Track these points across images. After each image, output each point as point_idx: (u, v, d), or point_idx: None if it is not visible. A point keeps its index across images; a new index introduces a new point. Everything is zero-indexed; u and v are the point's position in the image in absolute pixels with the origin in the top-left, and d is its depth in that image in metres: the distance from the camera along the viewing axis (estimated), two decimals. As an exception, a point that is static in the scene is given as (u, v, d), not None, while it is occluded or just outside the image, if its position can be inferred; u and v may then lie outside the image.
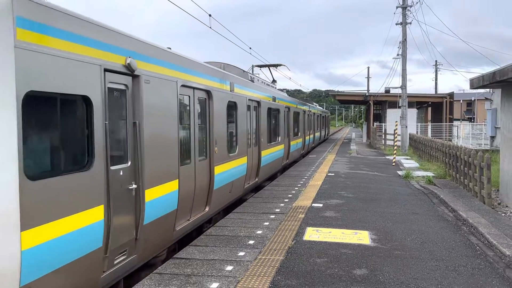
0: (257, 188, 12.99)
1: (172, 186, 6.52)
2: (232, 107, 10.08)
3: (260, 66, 20.06)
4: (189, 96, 7.46)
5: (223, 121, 9.21)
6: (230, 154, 9.68)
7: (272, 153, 14.49)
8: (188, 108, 7.46)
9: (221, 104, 9.02)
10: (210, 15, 13.57)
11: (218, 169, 8.66)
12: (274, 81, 19.44)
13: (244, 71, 12.75)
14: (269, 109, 14.36)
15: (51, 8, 4.11)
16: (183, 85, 7.01)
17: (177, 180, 6.68)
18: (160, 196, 6.14)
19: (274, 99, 15.08)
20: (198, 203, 7.87)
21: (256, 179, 12.50)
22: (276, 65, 19.56)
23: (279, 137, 16.08)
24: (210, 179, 8.31)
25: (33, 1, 3.87)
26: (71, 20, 4.36)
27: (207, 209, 8.24)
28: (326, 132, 45.12)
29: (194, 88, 7.55)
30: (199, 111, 7.87)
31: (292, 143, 18.96)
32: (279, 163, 16.22)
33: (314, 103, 37.63)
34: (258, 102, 12.76)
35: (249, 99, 11.54)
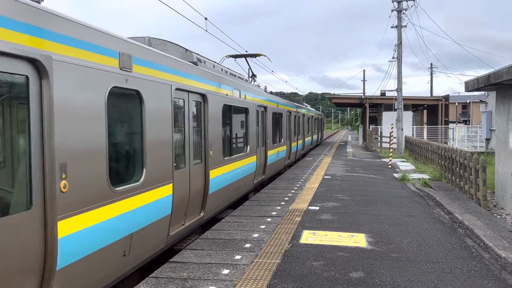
0: (210, 222, 9.28)
1: None
2: (129, 99, 5.87)
3: (235, 57, 16.69)
4: None
5: (95, 125, 4.91)
6: (123, 187, 5.43)
7: (233, 170, 10.38)
8: None
9: (84, 91, 4.72)
10: (206, 18, 13.59)
11: (73, 225, 4.46)
12: (253, 75, 16.60)
13: (187, 50, 8.97)
14: (228, 107, 10.09)
15: None
16: None
17: None
18: None
19: (239, 94, 11.38)
20: None
21: (201, 214, 8.32)
22: (254, 55, 16.80)
23: (248, 147, 11.87)
24: (45, 248, 4.13)
25: None
26: None
27: None
28: (319, 137, 40.60)
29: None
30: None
31: (270, 152, 14.90)
32: (249, 182, 12.22)
33: (305, 104, 33.12)
34: (204, 96, 8.41)
35: (179, 89, 7.24)
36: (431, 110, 40.21)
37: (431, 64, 52.20)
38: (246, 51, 21.57)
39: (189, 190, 7.66)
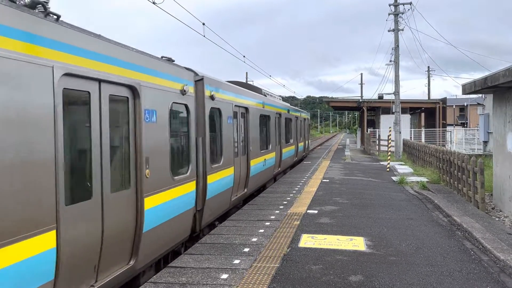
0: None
1: None
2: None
3: None
4: None
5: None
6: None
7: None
8: None
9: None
10: (203, 24, 13.63)
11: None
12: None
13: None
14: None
15: None
16: None
17: None
18: None
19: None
20: None
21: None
22: None
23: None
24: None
25: None
26: None
27: None
28: (304, 146, 26.40)
29: None
30: None
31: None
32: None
33: (272, 93, 19.76)
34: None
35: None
36: (428, 113, 40.35)
37: (428, 67, 52.36)
38: (244, 56, 21.48)
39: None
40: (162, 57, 6.98)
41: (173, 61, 7.32)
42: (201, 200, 8.07)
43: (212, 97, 8.55)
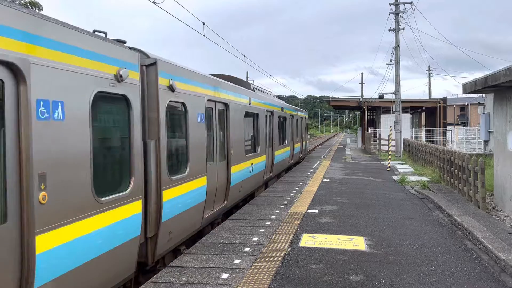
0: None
1: None
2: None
3: None
4: None
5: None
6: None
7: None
8: None
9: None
10: (204, 24, 13.64)
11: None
12: None
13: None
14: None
15: None
16: None
17: None
18: None
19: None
20: None
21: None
22: None
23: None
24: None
25: None
26: None
27: None
28: (299, 149, 22.89)
29: None
30: None
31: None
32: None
33: (265, 89, 18.78)
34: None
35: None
36: (429, 113, 40.31)
37: (429, 66, 52.31)
38: (244, 56, 21.38)
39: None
40: (94, 31, 5.21)
41: (125, 42, 5.76)
42: (153, 224, 6.15)
43: (171, 88, 6.63)
